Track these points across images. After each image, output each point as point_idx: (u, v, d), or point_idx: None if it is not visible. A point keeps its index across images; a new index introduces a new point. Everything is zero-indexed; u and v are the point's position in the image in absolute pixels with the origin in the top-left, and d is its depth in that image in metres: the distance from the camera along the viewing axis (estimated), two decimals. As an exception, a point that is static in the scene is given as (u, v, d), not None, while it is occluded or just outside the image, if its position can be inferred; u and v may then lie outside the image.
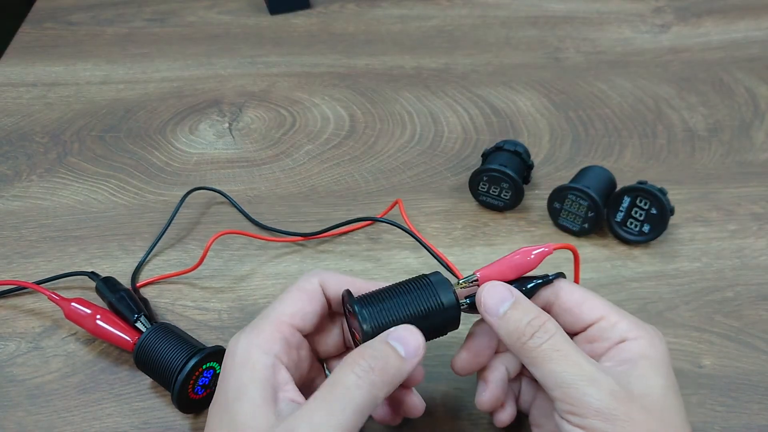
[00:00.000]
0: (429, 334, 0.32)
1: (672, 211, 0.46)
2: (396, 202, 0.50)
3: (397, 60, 0.69)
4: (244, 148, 0.58)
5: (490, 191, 0.50)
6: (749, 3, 0.76)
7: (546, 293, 0.33)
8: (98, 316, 0.41)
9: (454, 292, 0.32)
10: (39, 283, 0.45)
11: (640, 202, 0.46)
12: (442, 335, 0.33)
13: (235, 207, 0.52)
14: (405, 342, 0.30)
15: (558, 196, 0.48)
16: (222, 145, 0.58)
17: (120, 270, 0.47)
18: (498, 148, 0.51)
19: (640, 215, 0.47)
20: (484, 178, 0.50)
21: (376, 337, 0.30)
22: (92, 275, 0.46)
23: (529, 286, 0.33)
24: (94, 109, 0.63)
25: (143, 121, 0.61)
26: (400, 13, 0.76)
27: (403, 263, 0.48)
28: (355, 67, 0.68)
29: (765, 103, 0.62)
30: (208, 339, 0.43)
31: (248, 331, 0.31)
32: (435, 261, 0.47)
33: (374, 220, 0.49)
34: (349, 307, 0.32)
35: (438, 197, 0.53)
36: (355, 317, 0.31)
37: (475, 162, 0.56)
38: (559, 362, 0.29)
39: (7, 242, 0.50)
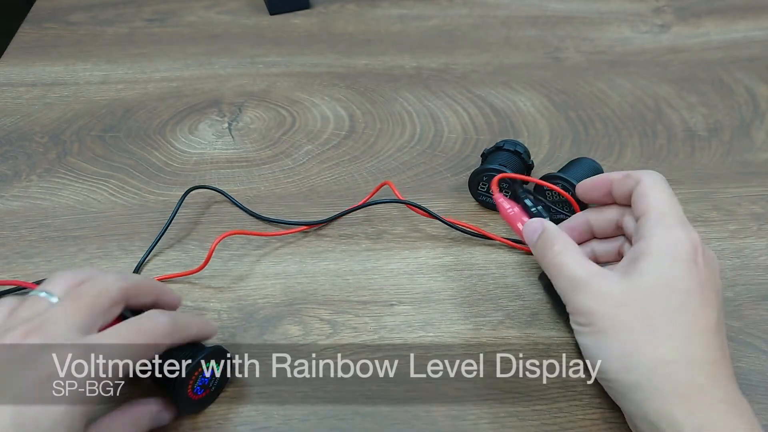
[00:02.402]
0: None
1: (672, 211, 0.46)
2: (384, 183, 0.50)
3: (397, 60, 0.69)
4: (243, 148, 0.58)
5: (490, 191, 0.50)
6: (749, 3, 0.76)
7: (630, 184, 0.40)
8: (98, 316, 0.41)
9: None
10: (39, 283, 0.45)
11: (640, 202, 0.46)
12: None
13: (233, 202, 0.52)
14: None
15: (541, 189, 0.48)
16: (221, 145, 0.58)
17: (120, 270, 0.47)
18: (498, 148, 0.51)
19: (640, 215, 0.47)
20: (484, 178, 0.50)
21: None
22: (92, 275, 0.46)
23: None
24: (93, 109, 0.63)
25: (143, 121, 0.61)
26: (400, 13, 0.76)
27: (404, 262, 0.48)
28: (355, 67, 0.68)
29: (765, 103, 0.62)
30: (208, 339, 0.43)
31: None
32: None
33: (366, 205, 0.49)
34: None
35: (438, 197, 0.53)
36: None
37: (475, 162, 0.56)
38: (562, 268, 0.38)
39: (7, 242, 0.50)
